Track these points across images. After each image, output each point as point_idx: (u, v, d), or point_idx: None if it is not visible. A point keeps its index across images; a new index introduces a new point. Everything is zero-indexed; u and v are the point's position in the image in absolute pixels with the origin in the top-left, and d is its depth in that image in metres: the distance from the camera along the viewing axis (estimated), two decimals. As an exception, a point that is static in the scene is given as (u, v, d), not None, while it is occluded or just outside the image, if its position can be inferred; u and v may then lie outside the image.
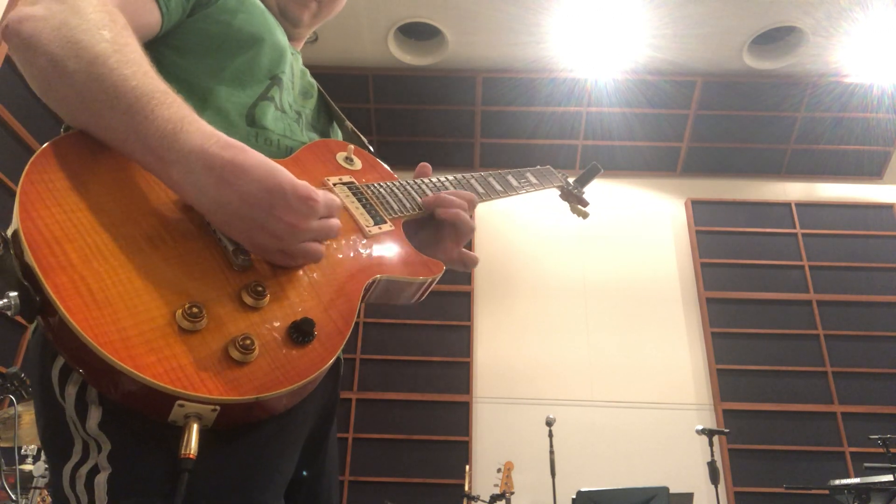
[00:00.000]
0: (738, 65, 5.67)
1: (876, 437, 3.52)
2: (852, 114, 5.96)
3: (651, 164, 6.30)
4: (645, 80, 5.79)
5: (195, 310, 0.65)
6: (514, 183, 1.26)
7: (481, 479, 4.99)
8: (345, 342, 0.76)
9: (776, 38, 5.48)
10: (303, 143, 0.99)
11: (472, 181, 1.15)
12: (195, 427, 0.62)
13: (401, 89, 5.96)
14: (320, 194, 0.73)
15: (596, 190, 1.55)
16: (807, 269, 5.75)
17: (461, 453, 5.15)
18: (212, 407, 0.62)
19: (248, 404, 0.65)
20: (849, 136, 6.11)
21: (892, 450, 3.41)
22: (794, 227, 5.94)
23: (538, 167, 1.38)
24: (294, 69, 1.06)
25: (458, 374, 5.48)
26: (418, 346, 5.56)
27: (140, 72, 0.72)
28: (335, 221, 0.77)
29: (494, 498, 4.03)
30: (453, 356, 5.54)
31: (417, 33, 5.59)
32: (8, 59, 3.35)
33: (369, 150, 1.10)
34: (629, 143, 6.21)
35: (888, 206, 6.03)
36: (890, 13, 5.01)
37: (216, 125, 0.88)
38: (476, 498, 4.17)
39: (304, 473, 0.93)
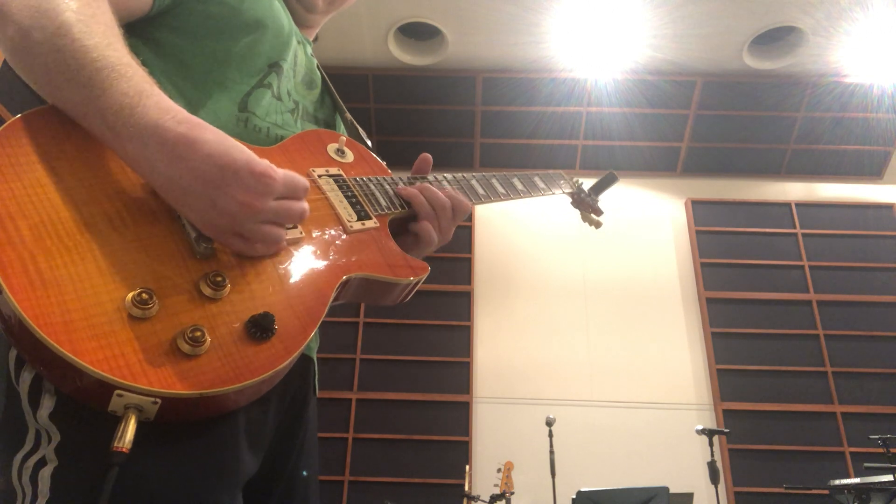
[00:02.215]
0: (738, 65, 5.67)
1: (876, 437, 3.53)
2: (852, 114, 5.95)
3: (651, 164, 6.30)
4: (645, 80, 5.79)
5: (145, 296, 0.62)
6: (519, 186, 1.20)
7: (481, 479, 4.98)
8: (308, 340, 0.71)
9: (776, 38, 5.47)
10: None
11: (473, 182, 1.10)
12: (133, 419, 0.59)
13: (401, 89, 5.96)
14: (280, 172, 0.70)
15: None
16: (807, 269, 5.75)
17: (461, 453, 5.14)
18: (152, 399, 0.59)
19: (193, 400, 0.62)
20: (849, 136, 6.10)
21: (892, 450, 3.42)
22: (794, 227, 5.93)
23: (548, 171, 1.31)
24: (298, 58, 1.03)
25: (458, 374, 5.48)
26: (418, 346, 5.55)
27: (103, 43, 0.69)
28: (300, 204, 0.73)
29: (494, 498, 4.03)
30: (453, 356, 5.53)
31: (417, 33, 5.58)
32: (8, 59, 3.35)
33: (366, 144, 1.07)
34: (629, 143, 6.20)
35: (888, 206, 6.03)
36: (890, 13, 5.01)
37: (208, 108, 0.86)
38: (476, 498, 4.17)
39: (305, 473, 0.91)
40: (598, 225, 1.47)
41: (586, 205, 1.45)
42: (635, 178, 6.24)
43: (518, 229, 6.01)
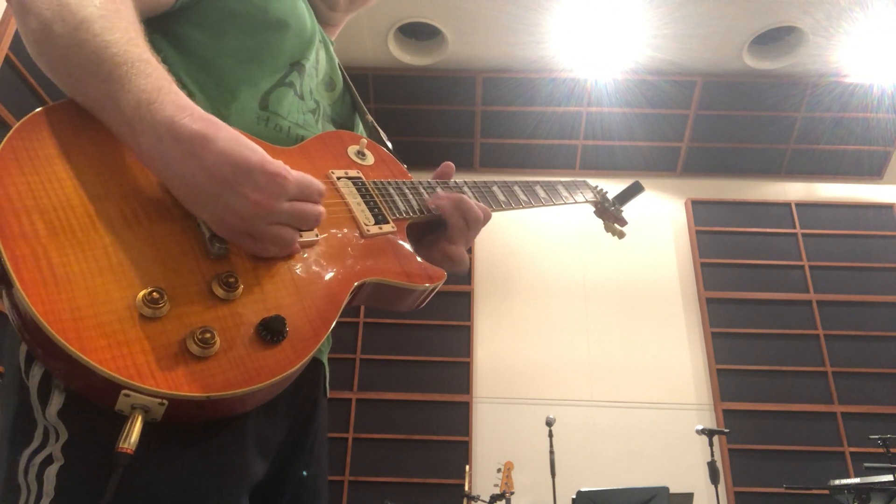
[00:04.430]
0: (738, 65, 5.67)
1: (876, 437, 3.52)
2: (852, 114, 5.96)
3: (651, 164, 6.30)
4: (645, 80, 5.79)
5: (155, 295, 0.62)
6: (542, 194, 1.17)
7: (481, 479, 4.98)
8: (319, 345, 0.71)
9: (776, 38, 5.47)
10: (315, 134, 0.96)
11: (495, 188, 1.09)
12: (139, 419, 0.58)
13: (401, 89, 5.96)
14: (293, 173, 0.69)
15: (596, 190, 1.52)
16: (807, 269, 5.75)
17: (461, 453, 5.15)
18: (159, 400, 0.59)
19: (200, 402, 0.61)
20: (849, 136, 6.10)
21: (892, 450, 3.42)
22: (794, 227, 5.93)
23: (572, 179, 1.28)
24: (320, 58, 1.02)
25: (458, 374, 5.48)
26: (418, 346, 5.55)
27: (124, 39, 0.69)
28: (314, 207, 0.72)
29: (494, 498, 4.03)
30: (453, 356, 5.53)
31: (417, 33, 5.59)
32: (8, 59, 3.35)
33: (387, 147, 1.06)
34: (629, 143, 6.20)
35: (888, 206, 6.03)
36: (890, 13, 5.01)
37: (229, 105, 0.86)
38: (476, 498, 4.17)
39: (312, 476, 0.90)
40: (621, 235, 1.42)
41: (610, 215, 1.40)
42: (635, 178, 6.20)
43: (518, 229, 6.01)
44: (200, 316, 0.65)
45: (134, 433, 0.58)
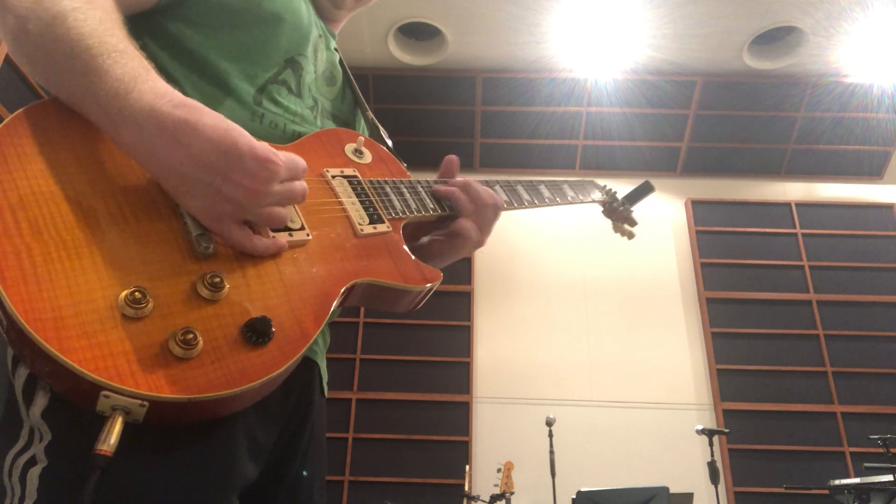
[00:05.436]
0: (738, 65, 5.67)
1: (876, 437, 3.53)
2: (852, 114, 5.95)
3: (651, 164, 6.30)
4: (645, 80, 5.79)
5: (138, 295, 0.61)
6: (547, 194, 1.15)
7: (481, 479, 4.98)
8: (307, 346, 0.69)
9: (776, 38, 5.47)
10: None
11: (497, 187, 1.07)
12: (119, 421, 0.57)
13: (401, 89, 5.96)
14: (282, 156, 0.69)
15: (596, 190, 1.51)
16: (807, 269, 5.75)
17: (461, 453, 5.14)
18: (139, 402, 0.58)
19: (181, 404, 0.60)
20: (849, 136, 6.10)
21: (892, 450, 3.42)
22: (794, 227, 5.93)
23: (578, 179, 1.26)
24: (319, 53, 1.01)
25: (458, 374, 5.48)
26: (418, 346, 5.55)
27: (99, 30, 0.68)
28: (300, 184, 0.72)
29: (494, 498, 4.03)
30: (453, 356, 5.53)
31: (417, 33, 5.58)
32: (8, 59, 3.35)
33: (387, 145, 1.04)
34: (629, 143, 6.20)
35: (888, 206, 6.03)
36: (890, 13, 5.01)
37: (223, 102, 0.84)
38: (476, 498, 4.17)
39: (309, 475, 0.89)
40: (630, 236, 1.40)
41: (619, 215, 1.38)
42: (635, 178, 6.20)
43: (518, 229, 6.01)
44: (184, 316, 0.63)
45: (114, 435, 0.57)
